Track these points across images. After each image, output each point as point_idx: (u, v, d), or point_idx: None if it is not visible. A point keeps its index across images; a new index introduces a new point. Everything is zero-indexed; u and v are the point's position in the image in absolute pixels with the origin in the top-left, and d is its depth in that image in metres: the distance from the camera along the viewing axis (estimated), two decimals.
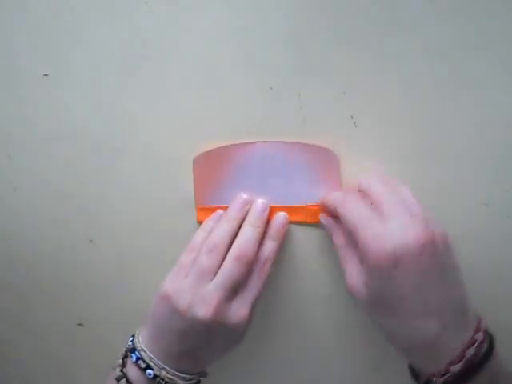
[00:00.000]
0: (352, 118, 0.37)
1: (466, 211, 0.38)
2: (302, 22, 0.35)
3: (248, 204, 0.36)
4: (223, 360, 0.36)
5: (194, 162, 0.38)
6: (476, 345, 0.29)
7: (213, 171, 0.38)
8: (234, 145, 0.37)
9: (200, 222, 0.38)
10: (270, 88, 0.36)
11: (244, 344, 0.35)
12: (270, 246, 0.36)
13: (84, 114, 0.38)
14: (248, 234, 0.35)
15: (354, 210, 0.32)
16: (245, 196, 0.37)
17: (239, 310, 0.33)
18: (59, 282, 0.41)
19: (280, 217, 0.37)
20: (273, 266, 0.35)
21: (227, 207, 0.37)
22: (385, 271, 0.29)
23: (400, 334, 0.31)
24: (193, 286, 0.33)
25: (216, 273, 0.33)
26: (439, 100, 0.36)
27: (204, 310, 0.32)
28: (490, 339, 0.31)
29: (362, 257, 0.31)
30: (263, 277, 0.35)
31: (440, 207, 0.38)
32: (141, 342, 0.34)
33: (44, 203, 0.40)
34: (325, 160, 0.37)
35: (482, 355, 0.30)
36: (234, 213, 0.36)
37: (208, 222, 0.37)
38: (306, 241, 0.38)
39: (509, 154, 0.37)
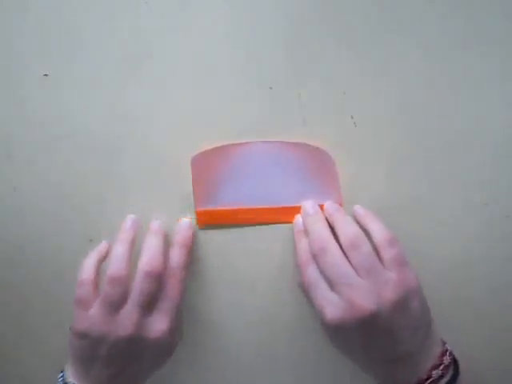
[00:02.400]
0: (352, 117, 0.37)
1: (466, 211, 0.38)
2: (302, 22, 0.35)
3: (136, 223, 0.37)
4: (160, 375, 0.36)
5: (191, 162, 0.38)
6: (429, 381, 0.31)
7: (210, 171, 0.38)
8: (231, 144, 0.37)
9: (200, 227, 0.38)
10: (270, 88, 0.36)
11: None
12: (177, 254, 0.35)
13: (84, 113, 0.38)
14: (151, 247, 0.34)
15: (307, 273, 0.33)
16: (132, 216, 0.37)
17: (158, 323, 0.33)
18: (59, 282, 0.41)
19: (183, 223, 0.37)
20: (187, 273, 0.35)
21: (225, 210, 0.37)
22: (331, 332, 0.32)
23: (356, 362, 0.34)
24: (104, 317, 0.33)
25: (125, 298, 0.33)
26: (439, 100, 0.36)
27: (123, 329, 0.32)
28: (454, 371, 0.32)
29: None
30: (178, 286, 0.34)
31: (440, 207, 0.38)
32: (71, 377, 0.34)
33: (44, 203, 0.40)
34: (323, 160, 0.37)
35: None
36: (125, 234, 0.36)
37: (88, 261, 0.36)
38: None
39: (509, 154, 0.37)
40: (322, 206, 0.37)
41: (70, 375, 0.34)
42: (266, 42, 0.36)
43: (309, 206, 0.36)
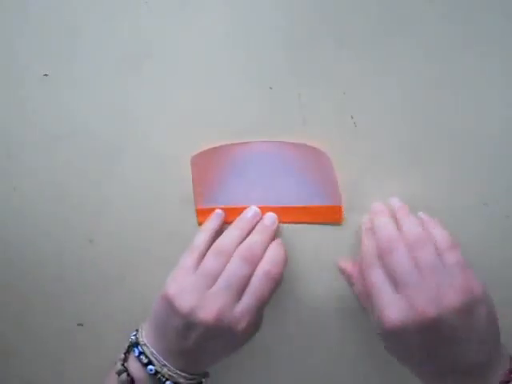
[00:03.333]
0: (352, 118, 0.37)
1: (466, 211, 0.38)
2: (302, 22, 0.35)
3: (258, 216, 0.37)
4: (226, 361, 0.36)
5: (191, 161, 0.38)
6: None
7: (210, 170, 0.38)
8: (231, 144, 0.37)
9: (200, 224, 0.38)
10: (270, 88, 0.36)
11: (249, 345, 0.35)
12: (272, 254, 0.35)
13: (84, 113, 0.38)
14: (255, 238, 0.35)
15: (372, 275, 0.33)
16: (256, 208, 0.37)
17: (240, 316, 0.33)
18: (59, 282, 0.41)
19: (268, 218, 0.37)
20: (281, 273, 0.35)
21: (226, 208, 0.37)
22: (390, 337, 0.31)
23: (411, 369, 0.33)
24: (196, 287, 0.33)
25: (219, 277, 0.33)
26: (439, 100, 0.36)
27: (205, 314, 0.32)
28: None
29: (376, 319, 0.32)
30: (270, 283, 0.34)
31: (440, 207, 0.38)
32: (143, 337, 0.34)
33: (44, 203, 0.40)
34: (322, 161, 0.37)
35: None
36: (243, 223, 0.36)
37: (208, 224, 0.37)
38: (303, 240, 0.38)
39: (509, 154, 0.37)
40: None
41: (144, 335, 0.34)
42: (266, 42, 0.36)
43: (376, 204, 0.36)
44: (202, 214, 0.38)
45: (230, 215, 0.38)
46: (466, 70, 0.35)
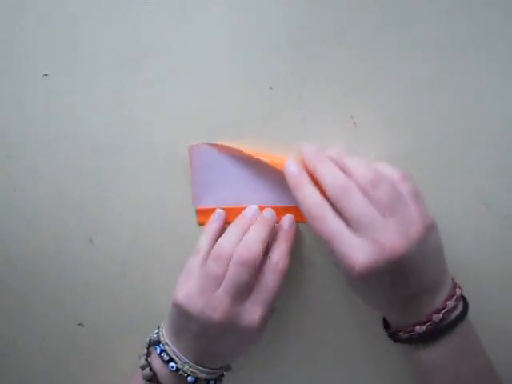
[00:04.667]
0: (352, 117, 0.37)
1: (466, 211, 0.38)
2: (302, 21, 0.35)
3: (258, 215, 0.37)
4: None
5: (189, 150, 0.37)
6: (444, 311, 0.31)
7: (210, 168, 0.38)
8: (231, 148, 0.37)
9: (200, 224, 0.38)
10: (270, 88, 0.36)
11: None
12: (279, 248, 0.35)
13: (84, 113, 0.38)
14: (252, 236, 0.35)
15: (327, 224, 0.31)
16: (256, 207, 0.37)
17: (251, 312, 0.34)
18: (59, 282, 0.41)
19: (286, 218, 0.37)
20: (288, 270, 0.35)
21: (226, 208, 0.38)
22: (360, 281, 0.31)
23: (374, 305, 0.34)
24: (202, 291, 0.34)
25: (223, 279, 0.34)
26: (439, 100, 0.36)
27: (215, 314, 0.33)
28: (464, 305, 0.32)
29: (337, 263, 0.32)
30: (277, 279, 0.34)
31: (440, 207, 0.38)
32: (165, 336, 0.35)
33: (44, 203, 0.40)
34: None
35: (450, 321, 0.31)
36: (243, 222, 0.36)
37: (210, 225, 0.37)
38: (303, 240, 0.38)
39: (509, 154, 0.37)
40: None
41: (166, 334, 0.35)
42: (266, 42, 0.36)
43: (308, 147, 0.35)
44: (202, 214, 0.38)
45: (230, 215, 0.38)
46: (466, 70, 0.35)
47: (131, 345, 0.37)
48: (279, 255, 0.35)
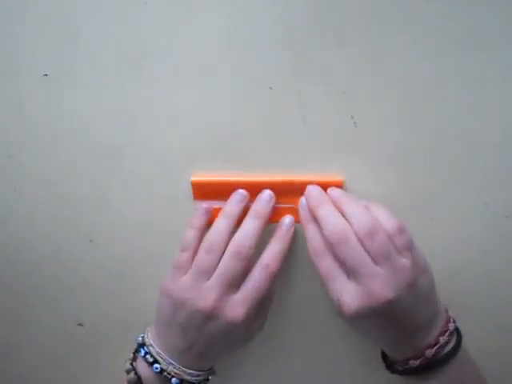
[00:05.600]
0: (352, 117, 0.37)
1: (466, 211, 0.38)
2: (302, 21, 0.35)
3: (245, 199, 0.36)
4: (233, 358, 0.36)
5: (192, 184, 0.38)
6: (437, 346, 0.32)
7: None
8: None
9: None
10: (270, 88, 0.36)
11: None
12: (273, 248, 0.36)
13: (84, 113, 0.38)
14: (247, 227, 0.35)
15: (323, 263, 0.33)
16: (242, 191, 0.37)
17: (236, 306, 0.34)
18: (59, 282, 0.41)
19: (286, 219, 0.37)
20: (279, 271, 0.35)
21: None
22: (350, 321, 0.33)
23: (370, 341, 0.36)
24: (192, 284, 0.34)
25: (213, 270, 0.34)
26: (439, 100, 0.36)
27: (203, 303, 0.33)
28: (457, 339, 0.34)
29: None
30: (266, 278, 0.34)
31: (440, 207, 0.38)
32: (149, 338, 0.36)
33: (44, 203, 0.40)
34: None
35: (444, 355, 0.32)
36: (231, 209, 0.36)
37: (194, 220, 0.37)
38: (303, 240, 0.38)
39: (509, 154, 0.37)
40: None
41: (150, 336, 0.36)
42: (266, 42, 0.36)
43: (313, 188, 0.36)
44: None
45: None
46: (465, 70, 0.35)
47: (131, 345, 0.37)
48: (272, 256, 0.35)
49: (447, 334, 0.33)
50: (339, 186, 0.37)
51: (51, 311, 0.42)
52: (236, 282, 0.34)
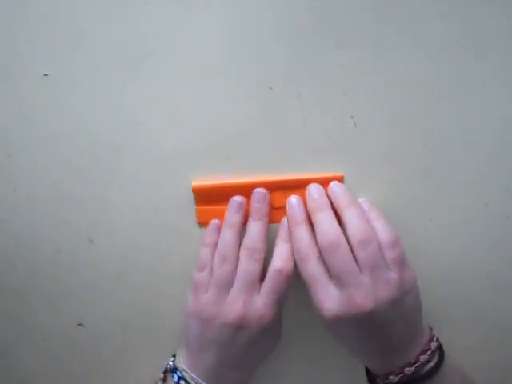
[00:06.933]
0: (352, 117, 0.37)
1: (466, 211, 0.38)
2: (302, 21, 0.35)
3: (242, 205, 0.36)
4: None
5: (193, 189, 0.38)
6: (416, 365, 0.32)
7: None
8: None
9: (200, 224, 0.38)
10: (270, 88, 0.36)
11: None
12: (280, 250, 0.35)
13: (84, 113, 0.38)
14: (253, 231, 0.35)
15: (308, 267, 0.33)
16: (237, 198, 0.37)
17: (262, 308, 0.34)
18: (59, 282, 0.41)
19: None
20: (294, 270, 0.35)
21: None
22: (326, 323, 0.33)
23: (349, 351, 0.36)
24: (215, 299, 0.34)
25: (233, 280, 0.34)
26: (439, 100, 0.36)
27: (231, 315, 0.33)
28: (439, 356, 0.33)
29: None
30: (283, 278, 0.34)
31: (440, 207, 0.38)
32: (181, 363, 0.35)
33: (44, 203, 0.40)
34: None
35: (423, 373, 0.32)
36: (232, 217, 0.36)
37: (207, 237, 0.37)
38: None
39: (509, 154, 0.37)
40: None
41: (182, 361, 0.36)
42: (266, 42, 0.36)
43: (314, 190, 0.36)
44: (202, 214, 0.38)
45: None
46: (465, 70, 0.35)
47: (131, 345, 0.37)
48: (284, 259, 0.35)
49: (428, 352, 0.33)
50: (340, 180, 0.37)
51: (51, 311, 0.42)
52: (256, 284, 0.34)
